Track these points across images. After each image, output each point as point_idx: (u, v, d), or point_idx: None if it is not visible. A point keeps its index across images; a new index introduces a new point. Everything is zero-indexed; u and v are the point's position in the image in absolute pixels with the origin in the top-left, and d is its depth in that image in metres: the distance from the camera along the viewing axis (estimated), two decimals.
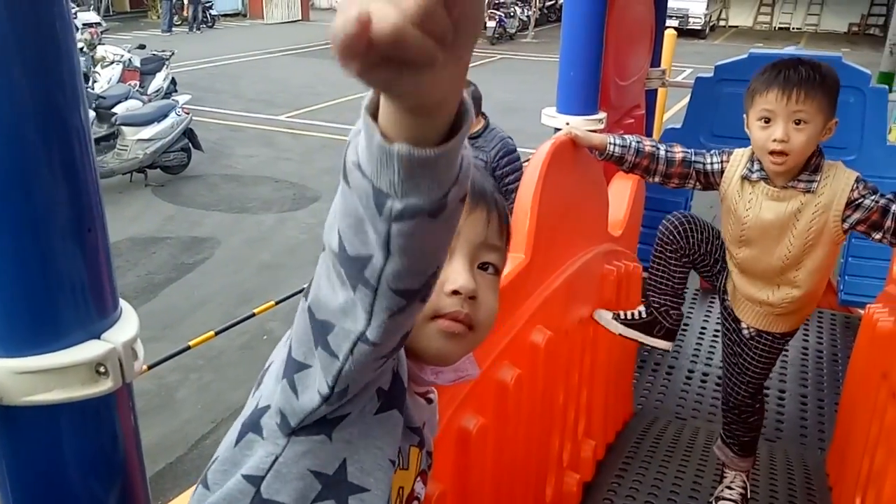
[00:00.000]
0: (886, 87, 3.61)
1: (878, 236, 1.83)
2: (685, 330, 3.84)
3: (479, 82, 3.51)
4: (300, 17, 25.95)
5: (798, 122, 1.74)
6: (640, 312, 2.23)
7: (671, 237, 2.09)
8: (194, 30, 21.40)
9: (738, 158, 1.94)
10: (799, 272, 1.91)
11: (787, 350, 3.65)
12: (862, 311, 2.50)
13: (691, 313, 4.00)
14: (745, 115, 1.88)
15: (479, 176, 0.78)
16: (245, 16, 26.40)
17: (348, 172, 0.51)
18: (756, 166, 1.88)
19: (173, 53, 10.67)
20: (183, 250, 6.27)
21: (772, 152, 1.77)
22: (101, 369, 0.72)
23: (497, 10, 21.37)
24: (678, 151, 1.98)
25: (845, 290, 3.68)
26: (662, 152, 1.97)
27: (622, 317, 2.24)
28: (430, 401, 0.85)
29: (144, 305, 5.19)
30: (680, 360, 3.57)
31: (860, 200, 1.79)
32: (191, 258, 6.11)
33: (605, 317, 2.27)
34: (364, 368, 0.59)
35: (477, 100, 3.74)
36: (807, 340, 3.72)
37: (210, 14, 22.74)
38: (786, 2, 26.48)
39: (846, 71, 3.24)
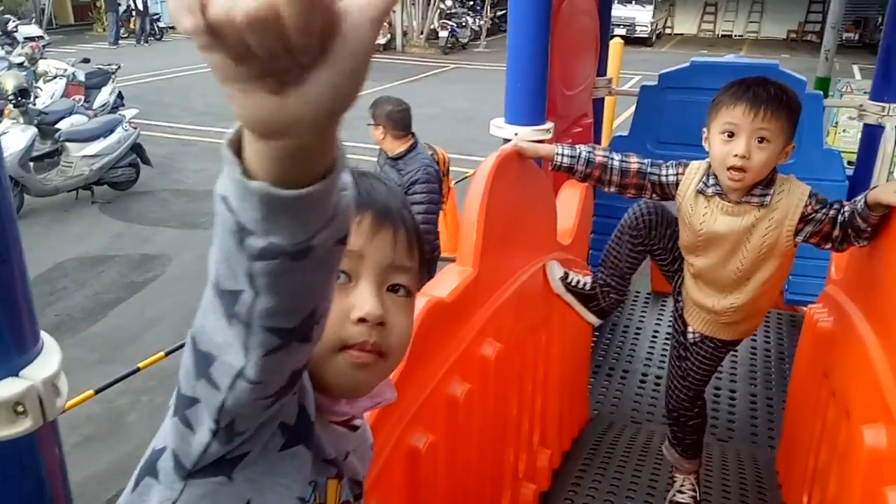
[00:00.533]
0: (821, 92, 3.73)
1: (827, 246, 1.86)
2: (638, 333, 3.89)
3: (432, 92, 3.51)
4: None
5: (761, 140, 1.74)
6: (585, 283, 2.25)
7: (635, 223, 2.08)
8: (142, 42, 21.00)
9: (694, 171, 1.93)
10: (749, 283, 1.94)
11: (736, 350, 3.72)
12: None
13: (644, 316, 4.06)
14: (705, 129, 1.86)
15: (384, 192, 0.76)
16: None
17: (216, 203, 0.49)
18: (711, 181, 1.88)
19: (119, 67, 10.45)
20: (132, 268, 6.12)
21: (731, 167, 1.77)
22: (20, 408, 0.68)
23: (449, 20, 21.50)
24: (633, 162, 1.96)
25: (790, 289, 3.77)
26: (616, 162, 1.95)
27: (568, 279, 2.25)
28: (354, 428, 0.81)
29: (92, 327, 5.05)
30: (634, 363, 3.61)
31: (813, 215, 1.82)
32: (141, 276, 5.96)
33: (554, 272, 2.26)
34: (248, 406, 0.56)
35: (406, 118, 3.58)
36: (755, 339, 3.80)
37: (158, 26, 22.34)
38: (727, 10, 27.30)
39: (782, 78, 3.32)
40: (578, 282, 2.24)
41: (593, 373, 3.47)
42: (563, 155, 1.95)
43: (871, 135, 3.70)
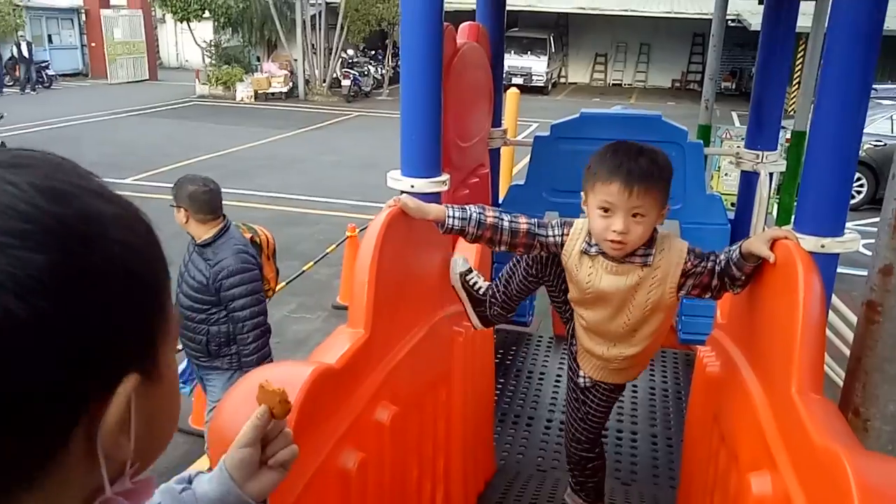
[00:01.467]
0: (701, 142, 3.94)
1: (707, 295, 1.92)
2: (542, 378, 3.92)
3: (335, 139, 3.38)
4: (147, 77, 25.00)
5: (636, 216, 1.79)
6: (480, 287, 2.26)
7: (531, 259, 2.10)
8: (27, 91, 20.04)
9: (578, 231, 1.95)
10: (636, 335, 1.99)
11: (636, 391, 3.82)
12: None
13: (547, 361, 4.11)
14: (583, 193, 1.90)
15: None
16: (87, 75, 25.11)
17: None
18: (594, 240, 1.91)
19: (3, 116, 9.94)
20: None
21: (610, 240, 1.82)
22: None
23: (351, 69, 21.67)
24: (523, 222, 1.96)
25: (683, 329, 3.91)
26: (506, 223, 1.94)
27: (468, 276, 2.26)
28: None
29: None
30: (539, 409, 3.63)
31: (693, 269, 1.87)
32: None
33: (456, 265, 2.27)
34: None
35: (213, 200, 3.21)
36: (653, 379, 3.90)
37: (47, 74, 21.42)
38: (616, 61, 28.94)
39: (666, 128, 3.51)
40: (475, 283, 2.26)
41: (499, 421, 3.46)
42: (454, 217, 1.91)
43: (749, 180, 3.94)
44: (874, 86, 2.40)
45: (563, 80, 28.89)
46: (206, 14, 20.88)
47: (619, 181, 1.77)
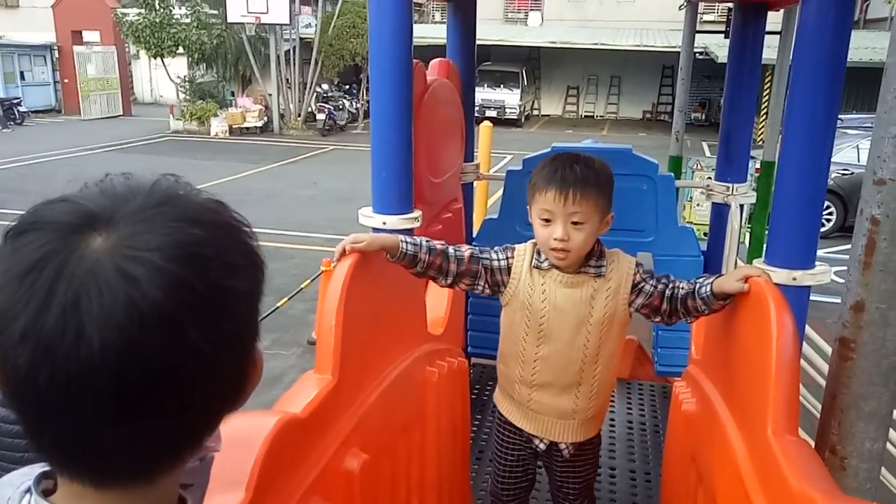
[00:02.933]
0: (672, 175, 3.97)
1: (656, 319, 1.93)
2: None
3: (311, 173, 3.36)
4: (121, 113, 24.91)
5: (576, 223, 1.81)
6: None
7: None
8: None
9: (523, 252, 1.97)
10: (598, 365, 1.95)
11: (613, 425, 3.78)
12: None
13: None
14: (528, 207, 1.93)
15: None
16: (60, 112, 24.95)
17: None
18: (544, 255, 1.93)
19: None
20: None
21: (553, 248, 1.84)
22: None
23: (326, 103, 21.77)
24: (466, 249, 1.98)
25: (660, 361, 3.89)
26: (452, 251, 1.96)
27: None
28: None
29: None
30: None
31: (642, 285, 1.90)
32: None
33: None
34: None
35: None
36: (630, 413, 3.87)
37: (18, 111, 21.25)
38: (588, 93, 29.45)
39: (636, 162, 3.52)
40: None
41: (476, 459, 3.39)
42: (406, 243, 1.89)
43: (720, 211, 3.97)
44: (840, 116, 2.43)
45: (536, 112, 29.30)
46: (181, 50, 20.90)
47: (555, 188, 1.80)
